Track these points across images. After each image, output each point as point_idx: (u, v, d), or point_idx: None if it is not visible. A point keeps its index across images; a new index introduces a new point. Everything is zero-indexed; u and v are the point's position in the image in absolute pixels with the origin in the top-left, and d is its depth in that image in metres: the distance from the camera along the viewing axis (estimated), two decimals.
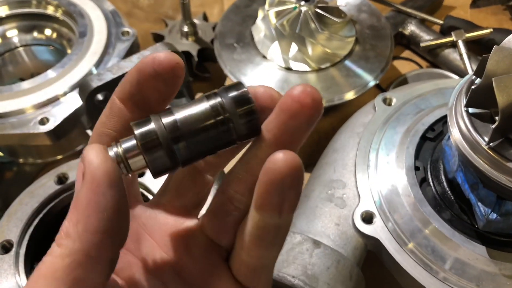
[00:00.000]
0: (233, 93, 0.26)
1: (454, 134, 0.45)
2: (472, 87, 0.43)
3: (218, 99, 0.26)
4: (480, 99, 0.43)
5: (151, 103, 0.28)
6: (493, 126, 0.40)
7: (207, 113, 0.26)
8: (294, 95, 0.25)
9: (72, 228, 0.23)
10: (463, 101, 0.44)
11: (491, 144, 0.41)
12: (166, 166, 0.26)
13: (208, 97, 0.26)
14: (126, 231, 0.25)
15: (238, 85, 0.26)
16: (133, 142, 0.26)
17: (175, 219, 0.32)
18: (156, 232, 0.31)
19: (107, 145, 0.27)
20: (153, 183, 0.57)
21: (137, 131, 0.25)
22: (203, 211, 0.33)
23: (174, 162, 0.26)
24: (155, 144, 0.25)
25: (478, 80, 0.45)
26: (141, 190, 0.60)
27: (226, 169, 0.33)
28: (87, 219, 0.23)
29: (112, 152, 0.26)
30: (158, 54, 0.27)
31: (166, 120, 0.26)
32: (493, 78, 0.40)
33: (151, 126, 0.26)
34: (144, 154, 0.25)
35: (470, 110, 0.44)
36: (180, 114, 0.26)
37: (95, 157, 0.24)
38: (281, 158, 0.23)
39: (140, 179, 0.57)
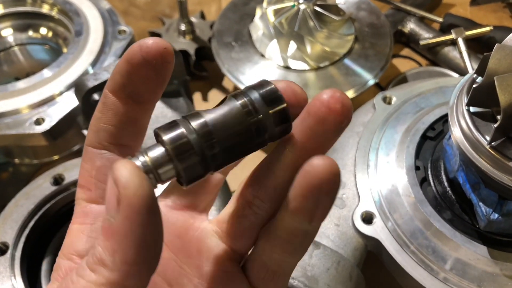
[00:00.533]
0: (263, 92, 0.24)
1: (455, 133, 0.44)
2: (474, 85, 0.42)
3: (248, 99, 0.24)
4: (482, 98, 0.42)
5: (144, 93, 0.28)
6: (495, 125, 0.40)
7: (239, 115, 0.24)
8: (323, 99, 0.24)
9: (109, 257, 0.22)
10: (464, 100, 0.44)
11: (493, 143, 0.41)
12: (200, 174, 0.24)
13: (236, 97, 0.25)
14: (159, 255, 0.23)
15: (266, 83, 0.25)
16: (161, 150, 0.23)
17: (185, 219, 0.31)
18: (165, 231, 0.30)
19: (103, 142, 0.27)
20: None
21: (166, 137, 0.23)
22: (212, 211, 0.33)
23: (207, 169, 0.24)
24: (189, 150, 0.23)
25: (479, 79, 0.45)
26: None
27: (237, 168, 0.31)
28: (125, 250, 0.21)
29: (138, 162, 0.23)
30: (144, 41, 0.26)
31: (196, 123, 0.24)
32: (495, 77, 0.39)
33: (181, 130, 0.23)
34: (176, 162, 0.23)
35: (472, 109, 0.43)
36: (210, 117, 0.24)
37: (131, 180, 0.21)
38: (321, 163, 0.23)
39: None
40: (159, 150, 0.23)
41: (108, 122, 0.28)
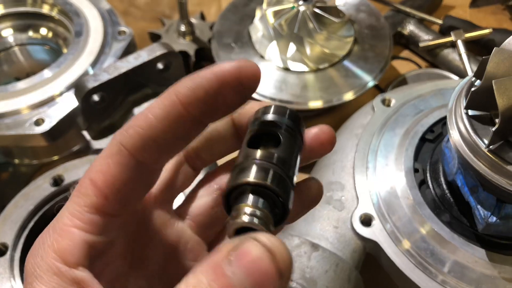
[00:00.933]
0: (291, 116, 0.28)
1: (454, 136, 0.44)
2: (472, 89, 0.42)
3: (285, 125, 0.28)
4: (480, 101, 0.43)
5: (216, 117, 0.26)
6: (493, 128, 0.40)
7: (291, 139, 0.27)
8: (314, 134, 0.30)
9: None
10: (463, 103, 0.44)
11: (491, 147, 0.41)
12: (292, 196, 0.26)
13: (274, 125, 0.27)
14: None
15: (283, 108, 0.28)
16: (255, 197, 0.24)
17: (163, 215, 0.31)
18: (147, 223, 0.30)
19: (144, 153, 0.25)
20: None
21: (258, 179, 0.24)
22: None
23: (293, 189, 0.26)
24: (283, 180, 0.25)
25: (478, 82, 0.45)
26: None
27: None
28: None
29: (253, 218, 0.24)
30: (246, 64, 0.25)
31: (269, 158, 0.25)
32: (493, 81, 0.39)
33: (267, 167, 0.25)
34: (282, 196, 0.25)
35: (470, 112, 0.43)
36: (271, 148, 0.26)
37: (289, 261, 0.22)
38: (316, 184, 0.32)
39: None
40: (256, 197, 0.24)
41: (163, 136, 0.25)
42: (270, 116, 0.28)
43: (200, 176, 0.33)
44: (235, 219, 0.24)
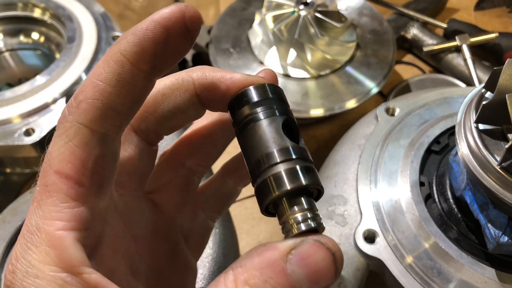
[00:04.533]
0: (279, 94, 0.28)
1: (463, 151, 0.42)
2: (483, 102, 0.40)
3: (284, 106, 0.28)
4: (491, 115, 0.40)
5: (167, 66, 0.24)
6: (507, 146, 0.37)
7: (292, 121, 0.27)
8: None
9: None
10: (473, 117, 0.42)
11: (503, 164, 0.39)
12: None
13: (283, 111, 0.27)
14: None
15: (263, 86, 0.28)
16: (305, 199, 0.25)
17: (157, 212, 0.32)
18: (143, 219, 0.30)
19: (109, 126, 0.23)
20: None
21: (312, 183, 0.25)
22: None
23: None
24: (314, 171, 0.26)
25: (488, 94, 0.43)
26: None
27: None
28: None
29: (307, 220, 0.24)
30: (186, 6, 0.23)
31: (306, 156, 0.25)
32: (507, 95, 0.37)
33: (310, 167, 0.25)
34: (321, 188, 0.25)
35: (480, 126, 0.41)
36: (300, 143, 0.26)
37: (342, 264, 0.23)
38: None
39: None
40: (305, 199, 0.25)
41: (122, 100, 0.23)
42: (267, 103, 0.27)
43: None
44: (290, 230, 0.24)
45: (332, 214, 0.53)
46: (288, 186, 0.24)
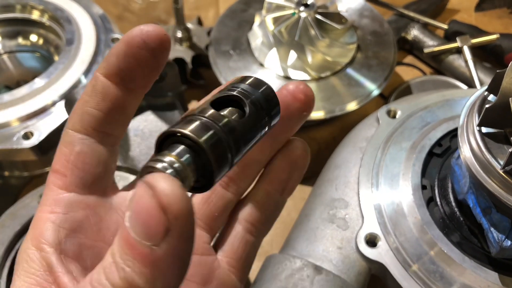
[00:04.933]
0: (265, 93, 0.27)
1: (466, 154, 0.42)
2: (486, 106, 0.40)
3: (254, 98, 0.26)
4: (495, 118, 0.40)
5: (138, 78, 0.28)
6: (510, 149, 0.37)
7: (254, 114, 0.26)
8: (289, 89, 0.31)
9: (145, 284, 0.20)
10: (475, 120, 0.41)
11: (506, 168, 0.38)
12: (225, 171, 0.24)
13: (243, 95, 0.26)
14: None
15: (263, 83, 0.28)
16: (183, 149, 0.23)
17: None
18: None
19: (87, 126, 0.27)
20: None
21: (193, 133, 0.23)
22: None
23: (230, 166, 0.24)
24: (221, 147, 0.23)
25: (491, 97, 0.42)
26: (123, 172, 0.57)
27: None
28: (169, 279, 0.20)
29: (168, 168, 0.22)
30: (145, 25, 0.27)
31: (217, 120, 0.24)
32: (510, 99, 0.37)
33: (210, 126, 0.23)
34: (212, 162, 0.23)
35: (483, 129, 0.41)
36: (227, 113, 0.25)
37: (183, 208, 0.19)
38: (300, 144, 0.32)
39: None
40: (181, 150, 0.22)
41: (96, 107, 0.28)
42: (243, 86, 0.27)
43: None
44: (150, 163, 0.22)
45: (334, 217, 0.52)
46: (186, 131, 0.23)
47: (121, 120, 0.29)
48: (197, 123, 0.23)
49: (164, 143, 0.24)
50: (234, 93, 0.26)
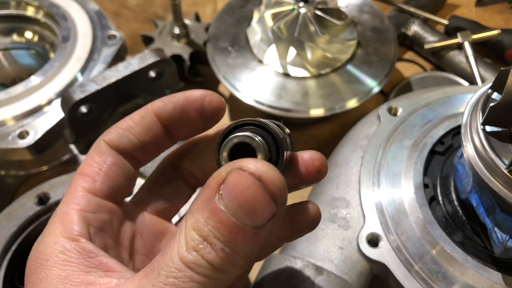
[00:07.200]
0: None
1: (469, 153, 0.41)
2: (491, 104, 0.39)
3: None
4: (499, 117, 0.39)
5: (183, 131, 0.31)
6: None
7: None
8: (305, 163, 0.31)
9: (245, 261, 0.23)
10: (479, 118, 0.40)
11: (511, 167, 0.38)
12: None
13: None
14: None
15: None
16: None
17: (160, 223, 0.34)
18: (145, 232, 0.33)
19: (122, 146, 0.30)
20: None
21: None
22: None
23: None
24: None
25: (495, 95, 0.42)
26: None
27: None
28: (260, 248, 0.23)
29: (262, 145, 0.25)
30: (211, 94, 0.30)
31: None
32: None
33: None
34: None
35: (487, 128, 0.40)
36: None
37: (286, 192, 0.23)
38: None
39: None
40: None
41: (137, 136, 0.31)
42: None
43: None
44: (228, 138, 0.25)
45: (335, 217, 0.52)
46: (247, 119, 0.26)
47: (153, 154, 0.32)
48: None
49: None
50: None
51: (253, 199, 0.21)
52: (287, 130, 0.31)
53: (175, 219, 0.37)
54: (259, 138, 0.25)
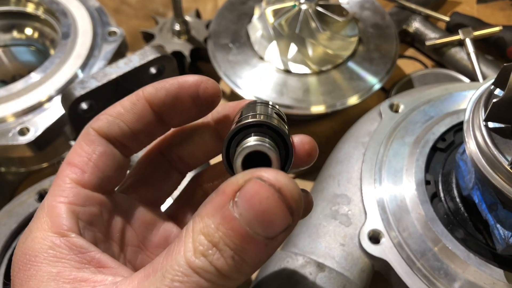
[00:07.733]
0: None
1: (472, 150, 0.41)
2: (494, 100, 0.39)
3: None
4: (502, 113, 0.39)
5: (176, 118, 0.30)
6: None
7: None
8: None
9: (246, 266, 0.22)
10: (482, 115, 0.40)
11: None
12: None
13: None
14: None
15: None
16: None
17: (151, 210, 0.33)
18: (136, 223, 0.32)
19: (112, 135, 0.28)
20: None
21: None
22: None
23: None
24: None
25: (498, 91, 0.42)
26: None
27: None
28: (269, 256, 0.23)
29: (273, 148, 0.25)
30: (207, 80, 0.28)
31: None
32: None
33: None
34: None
35: (490, 124, 0.40)
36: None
37: (302, 205, 0.22)
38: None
39: None
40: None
41: (128, 124, 0.29)
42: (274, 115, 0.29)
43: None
44: (242, 147, 0.24)
45: (336, 214, 0.51)
46: (252, 120, 0.26)
47: (144, 142, 0.31)
48: (253, 117, 0.26)
49: (229, 151, 0.26)
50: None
51: (271, 210, 0.21)
52: (282, 114, 0.30)
53: (168, 202, 0.36)
54: (270, 142, 0.25)
